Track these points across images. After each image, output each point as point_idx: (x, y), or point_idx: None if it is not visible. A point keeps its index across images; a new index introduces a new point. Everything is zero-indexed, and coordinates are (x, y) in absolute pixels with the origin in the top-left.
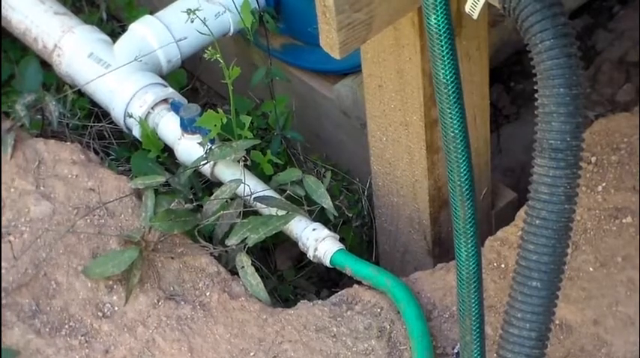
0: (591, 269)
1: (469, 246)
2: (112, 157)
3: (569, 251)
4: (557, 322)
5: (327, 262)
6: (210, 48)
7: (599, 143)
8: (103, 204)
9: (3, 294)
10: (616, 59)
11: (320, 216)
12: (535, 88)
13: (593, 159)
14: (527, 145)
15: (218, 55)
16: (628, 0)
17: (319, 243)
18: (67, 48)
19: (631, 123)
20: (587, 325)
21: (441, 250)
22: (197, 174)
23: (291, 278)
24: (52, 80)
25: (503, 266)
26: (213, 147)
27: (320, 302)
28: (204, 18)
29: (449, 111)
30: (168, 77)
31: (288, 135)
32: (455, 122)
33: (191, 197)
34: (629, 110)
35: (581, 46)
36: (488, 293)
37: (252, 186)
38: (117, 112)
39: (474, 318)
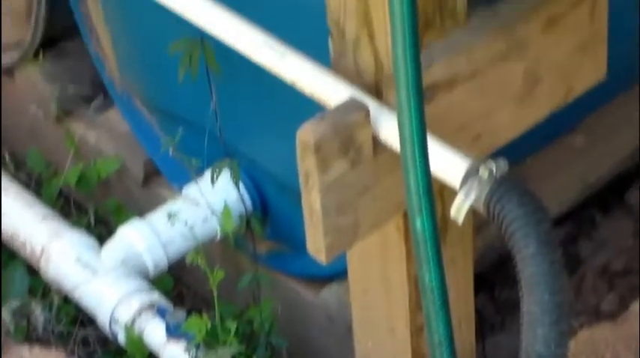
0: None
1: None
2: None
3: None
4: None
5: None
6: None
7: (583, 352)
8: None
9: None
10: (599, 268)
11: None
12: (520, 295)
13: None
14: (512, 355)
15: (200, 260)
16: (610, 209)
17: None
18: (55, 253)
19: (615, 333)
20: None
21: None
22: None
23: None
24: (39, 285)
25: None
26: (198, 355)
27: None
28: (192, 223)
29: (435, 316)
30: (155, 281)
31: (273, 341)
32: (441, 328)
33: None
34: (614, 320)
35: (564, 254)
36: None
37: None
38: (102, 318)
39: None
